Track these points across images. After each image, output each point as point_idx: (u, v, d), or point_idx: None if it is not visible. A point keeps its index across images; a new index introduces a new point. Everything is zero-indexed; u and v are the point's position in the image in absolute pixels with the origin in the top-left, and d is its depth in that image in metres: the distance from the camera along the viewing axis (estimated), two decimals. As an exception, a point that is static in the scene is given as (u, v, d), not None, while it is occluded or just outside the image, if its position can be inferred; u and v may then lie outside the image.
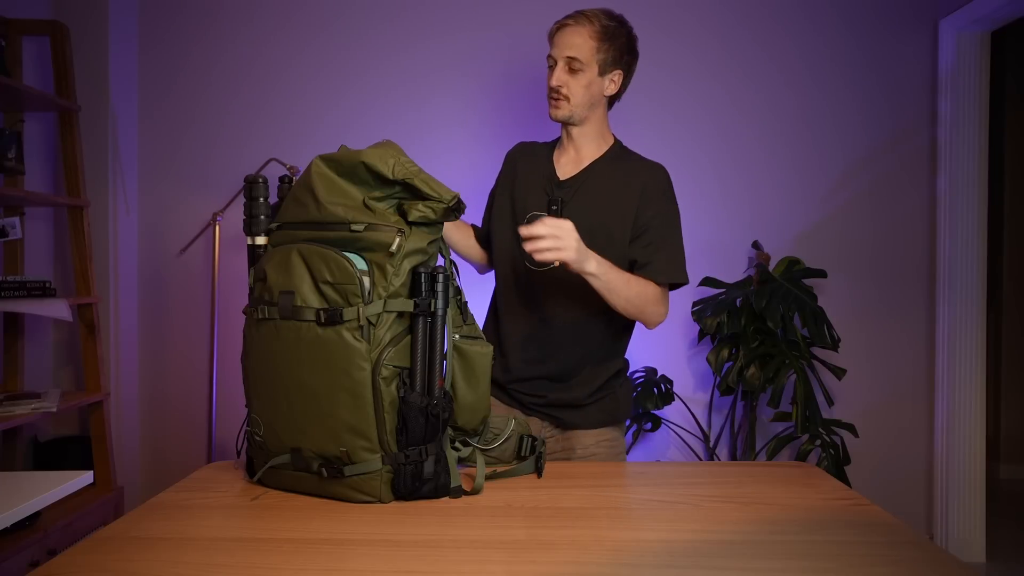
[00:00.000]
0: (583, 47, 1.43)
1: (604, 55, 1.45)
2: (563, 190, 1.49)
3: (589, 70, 1.44)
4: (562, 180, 1.50)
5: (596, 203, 1.45)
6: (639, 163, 1.52)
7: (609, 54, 1.45)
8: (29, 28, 2.41)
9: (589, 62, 1.43)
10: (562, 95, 1.45)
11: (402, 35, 2.75)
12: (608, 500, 1.16)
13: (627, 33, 1.49)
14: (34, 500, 1.23)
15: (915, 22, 2.75)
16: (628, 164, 1.52)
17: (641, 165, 1.52)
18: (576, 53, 1.42)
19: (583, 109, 1.47)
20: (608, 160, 1.52)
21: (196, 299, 2.79)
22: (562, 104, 1.46)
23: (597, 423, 1.53)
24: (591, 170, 1.51)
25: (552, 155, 1.57)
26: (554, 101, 1.46)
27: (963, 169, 2.69)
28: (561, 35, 1.45)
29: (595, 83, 1.46)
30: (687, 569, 0.89)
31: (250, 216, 1.27)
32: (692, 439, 2.72)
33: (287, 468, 1.17)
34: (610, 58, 1.46)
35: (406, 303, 1.12)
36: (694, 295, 2.73)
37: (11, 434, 2.45)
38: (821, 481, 1.25)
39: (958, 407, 2.69)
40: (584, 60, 1.43)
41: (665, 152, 2.75)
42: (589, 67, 1.44)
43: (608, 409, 1.54)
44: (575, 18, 1.45)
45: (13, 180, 2.41)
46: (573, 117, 1.47)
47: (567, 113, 1.47)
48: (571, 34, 1.44)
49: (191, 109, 2.79)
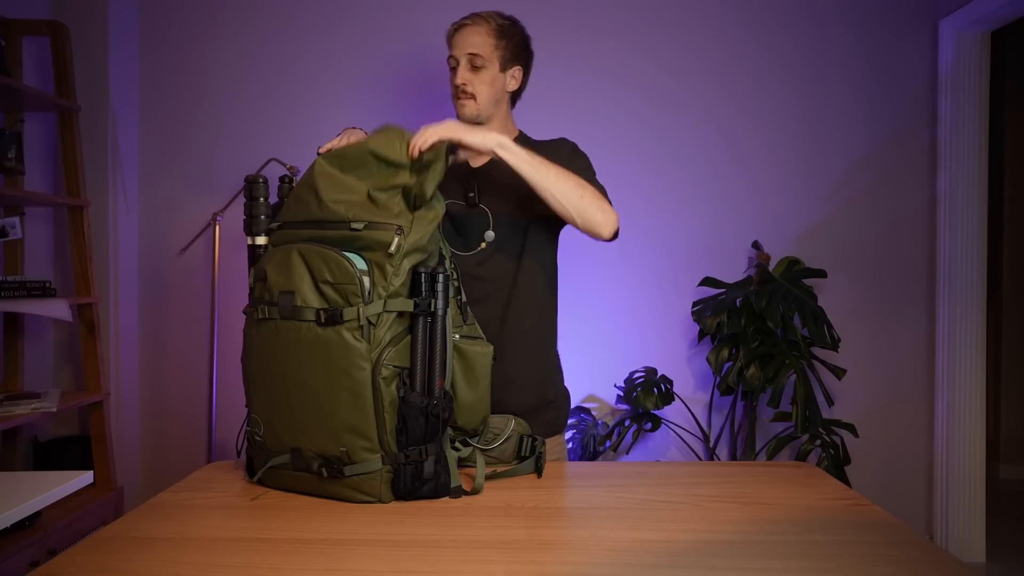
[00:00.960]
0: (483, 44, 1.46)
1: (503, 52, 1.48)
2: (477, 178, 1.48)
3: (491, 66, 1.47)
4: (475, 168, 1.51)
5: (510, 182, 1.41)
6: (544, 144, 1.54)
7: (508, 51, 1.49)
8: (29, 28, 2.41)
9: (490, 58, 1.47)
10: (468, 93, 1.47)
11: (402, 35, 2.76)
12: (608, 500, 1.16)
13: (521, 31, 1.53)
14: (34, 500, 1.23)
15: (915, 22, 2.75)
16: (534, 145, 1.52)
17: (545, 143, 1.53)
18: (477, 50, 1.46)
19: (489, 106, 1.49)
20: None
21: (196, 299, 2.79)
22: (468, 103, 1.47)
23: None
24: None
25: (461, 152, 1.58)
26: (461, 100, 1.48)
27: (963, 169, 2.69)
28: (460, 35, 1.48)
29: (497, 79, 1.49)
30: (687, 569, 0.89)
31: (250, 216, 1.27)
32: (692, 439, 2.72)
33: (287, 468, 1.17)
34: (509, 54, 1.50)
35: (406, 303, 1.13)
36: (694, 295, 2.73)
37: (11, 434, 2.45)
38: (821, 481, 1.25)
39: (958, 407, 2.69)
40: (485, 56, 1.46)
41: (665, 152, 2.75)
42: (491, 63, 1.47)
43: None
44: (471, 19, 1.48)
45: (13, 180, 2.41)
46: (480, 116, 1.49)
47: (475, 112, 1.48)
48: (470, 33, 1.47)
49: (191, 109, 2.79)
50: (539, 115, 2.66)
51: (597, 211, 1.33)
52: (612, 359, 2.74)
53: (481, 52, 1.46)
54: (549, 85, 2.71)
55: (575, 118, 2.74)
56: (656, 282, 2.74)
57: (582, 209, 1.31)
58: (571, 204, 1.31)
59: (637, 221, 2.75)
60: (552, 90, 2.72)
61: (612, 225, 1.34)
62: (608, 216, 1.34)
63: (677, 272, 2.76)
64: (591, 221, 1.32)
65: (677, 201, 2.75)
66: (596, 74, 2.75)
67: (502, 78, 1.50)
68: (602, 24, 2.75)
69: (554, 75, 2.72)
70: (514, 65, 1.51)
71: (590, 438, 2.54)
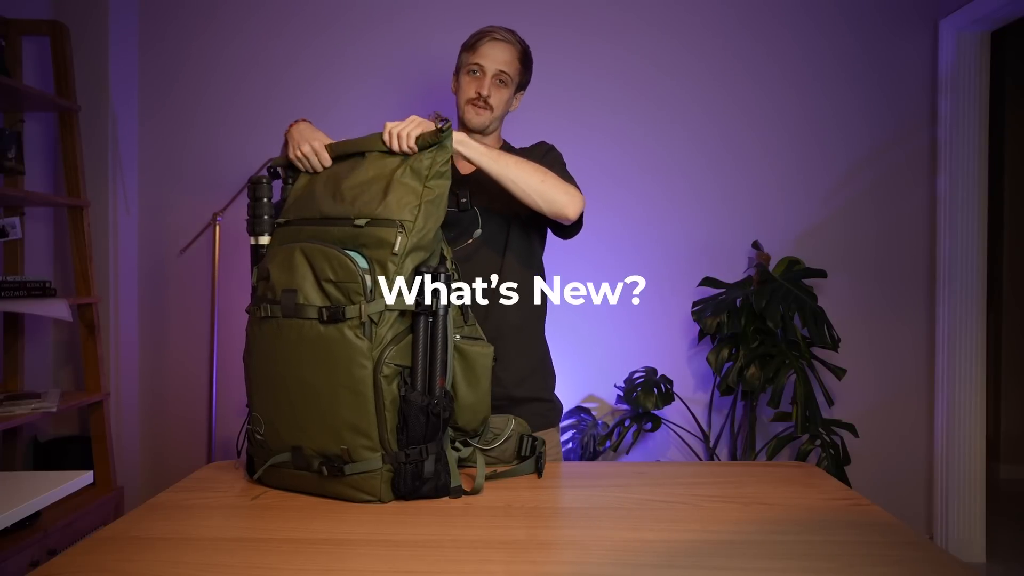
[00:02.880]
0: (511, 64, 1.52)
1: (522, 77, 1.56)
2: (468, 184, 1.50)
3: (511, 86, 1.54)
4: (464, 175, 1.54)
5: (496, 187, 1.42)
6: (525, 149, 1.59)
7: (524, 77, 1.57)
8: (29, 28, 2.41)
9: (513, 79, 1.53)
10: (488, 105, 1.50)
11: (403, 35, 2.76)
12: (608, 500, 1.16)
13: (532, 60, 1.59)
14: (34, 500, 1.23)
15: (915, 22, 2.75)
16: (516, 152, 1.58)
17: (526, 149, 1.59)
18: (507, 68, 1.51)
19: (498, 121, 1.56)
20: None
21: (196, 299, 2.79)
22: (484, 113, 1.51)
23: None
24: None
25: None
26: (478, 108, 1.51)
27: (963, 169, 2.69)
28: (492, 47, 1.50)
29: (511, 100, 1.56)
30: (687, 569, 0.89)
31: (253, 216, 1.28)
32: (692, 439, 2.72)
33: (287, 466, 1.17)
34: (523, 80, 1.58)
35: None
36: (694, 295, 2.73)
37: (11, 434, 2.45)
38: (821, 481, 1.25)
39: (958, 407, 2.69)
40: (512, 76, 1.52)
41: (665, 152, 2.75)
42: (511, 84, 1.53)
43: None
44: (504, 34, 1.52)
45: (13, 180, 2.41)
46: (489, 127, 1.54)
47: (486, 122, 1.52)
48: (504, 50, 1.51)
49: (191, 109, 2.79)
50: (538, 116, 2.67)
51: (561, 193, 1.36)
52: (612, 359, 2.74)
53: (509, 71, 1.51)
54: (548, 86, 2.71)
55: (574, 119, 2.74)
56: (656, 282, 2.74)
57: (543, 191, 1.34)
58: (532, 188, 1.34)
59: (637, 221, 2.75)
60: (551, 91, 2.72)
61: (577, 205, 1.37)
62: (573, 198, 1.37)
63: (677, 272, 2.76)
64: (555, 203, 1.35)
65: (677, 201, 2.75)
66: (595, 74, 2.75)
67: (512, 100, 1.57)
68: (600, 24, 2.75)
69: (553, 76, 2.72)
70: (522, 91, 1.59)
71: (590, 438, 2.54)
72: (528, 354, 1.52)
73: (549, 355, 1.59)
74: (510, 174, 1.32)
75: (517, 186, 1.33)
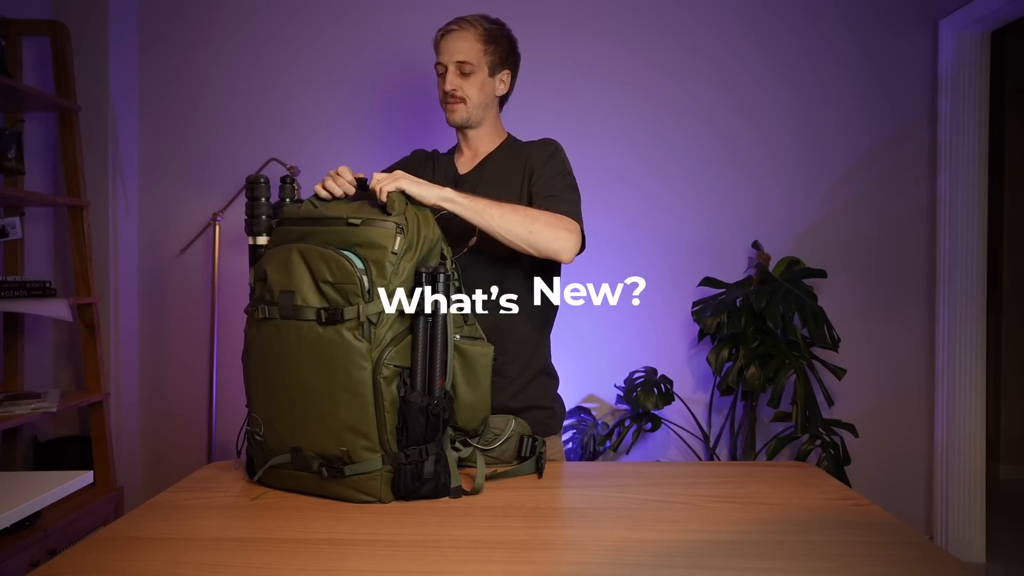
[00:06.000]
0: (471, 50, 1.47)
1: (492, 57, 1.49)
2: (465, 184, 1.49)
3: (480, 72, 1.48)
4: (462, 174, 1.52)
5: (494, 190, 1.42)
6: (529, 144, 1.54)
7: (496, 55, 1.50)
8: (29, 28, 2.41)
9: (479, 64, 1.47)
10: (458, 97, 1.47)
11: (403, 35, 2.75)
12: (608, 500, 1.16)
13: (508, 35, 1.54)
14: (34, 500, 1.23)
15: (915, 22, 2.75)
16: (519, 147, 1.53)
17: (529, 143, 1.53)
18: (464, 57, 1.46)
19: (479, 110, 1.50)
20: (502, 149, 1.54)
21: (196, 299, 2.79)
22: (459, 107, 1.48)
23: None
24: (488, 161, 1.53)
25: (452, 158, 1.59)
26: (451, 106, 1.48)
27: (963, 169, 2.69)
28: (447, 41, 1.48)
29: (487, 84, 1.50)
30: (687, 569, 0.89)
31: (252, 216, 1.28)
32: (692, 439, 2.72)
33: (287, 467, 1.17)
34: (497, 59, 1.50)
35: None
36: (694, 295, 2.73)
37: (11, 434, 2.45)
38: (821, 481, 1.25)
39: (958, 407, 2.69)
40: (474, 62, 1.47)
41: (665, 152, 2.75)
42: (480, 69, 1.48)
43: None
44: (457, 24, 1.48)
45: (13, 180, 2.41)
46: (471, 119, 1.50)
47: (464, 116, 1.49)
48: (457, 39, 1.47)
49: (191, 109, 2.79)
50: (538, 116, 2.67)
51: (551, 240, 1.30)
52: (612, 359, 2.74)
53: (469, 59, 1.46)
54: (547, 86, 2.71)
55: (574, 119, 2.74)
56: (656, 282, 2.74)
57: (533, 242, 1.29)
58: (522, 239, 1.29)
59: (637, 222, 2.75)
60: (551, 91, 2.72)
61: (570, 250, 1.32)
62: (564, 241, 1.31)
63: (677, 272, 2.76)
64: (547, 250, 1.31)
65: (677, 201, 2.75)
66: (594, 74, 2.75)
67: (491, 83, 1.51)
68: (600, 24, 2.75)
69: (552, 76, 2.72)
70: (503, 69, 1.52)
71: (590, 438, 2.54)
72: (533, 364, 1.49)
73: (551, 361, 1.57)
74: (496, 228, 1.28)
75: (505, 239, 1.29)
